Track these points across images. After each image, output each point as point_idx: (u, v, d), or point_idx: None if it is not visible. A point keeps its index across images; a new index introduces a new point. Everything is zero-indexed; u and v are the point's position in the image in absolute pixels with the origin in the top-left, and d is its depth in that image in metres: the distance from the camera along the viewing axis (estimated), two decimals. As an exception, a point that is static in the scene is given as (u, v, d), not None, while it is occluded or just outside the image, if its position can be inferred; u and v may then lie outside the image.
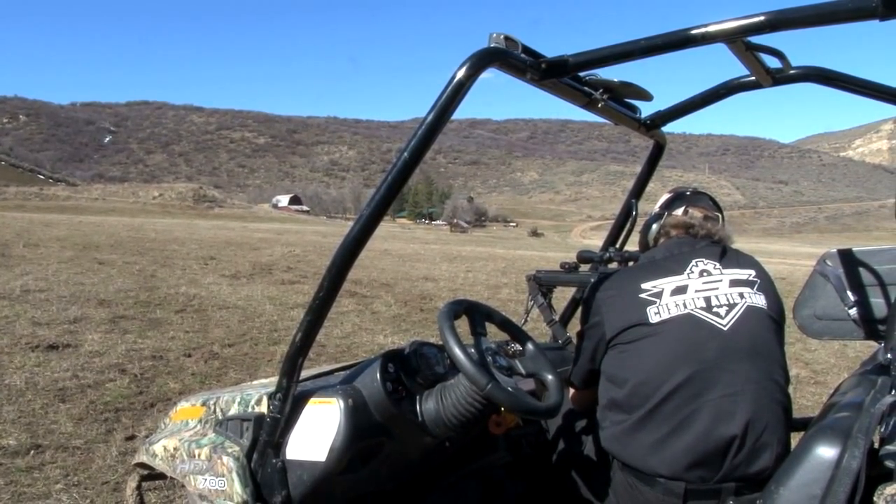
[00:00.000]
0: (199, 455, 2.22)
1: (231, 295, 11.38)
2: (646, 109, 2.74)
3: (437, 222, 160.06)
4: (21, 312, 8.69)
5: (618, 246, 3.17)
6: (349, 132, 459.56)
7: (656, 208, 2.58)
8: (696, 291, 2.19)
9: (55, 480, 4.13)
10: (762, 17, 1.58)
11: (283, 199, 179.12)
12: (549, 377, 2.18)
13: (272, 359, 7.36)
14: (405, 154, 1.76)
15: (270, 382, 2.36)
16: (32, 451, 4.51)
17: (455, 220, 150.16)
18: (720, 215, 2.50)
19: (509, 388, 1.96)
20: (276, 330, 8.81)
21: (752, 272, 2.31)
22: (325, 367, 2.58)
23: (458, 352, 1.92)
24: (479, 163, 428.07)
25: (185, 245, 20.88)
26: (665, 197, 2.62)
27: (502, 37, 1.79)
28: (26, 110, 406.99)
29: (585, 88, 2.18)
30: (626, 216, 3.20)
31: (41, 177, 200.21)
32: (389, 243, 30.34)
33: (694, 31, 1.68)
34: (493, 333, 2.27)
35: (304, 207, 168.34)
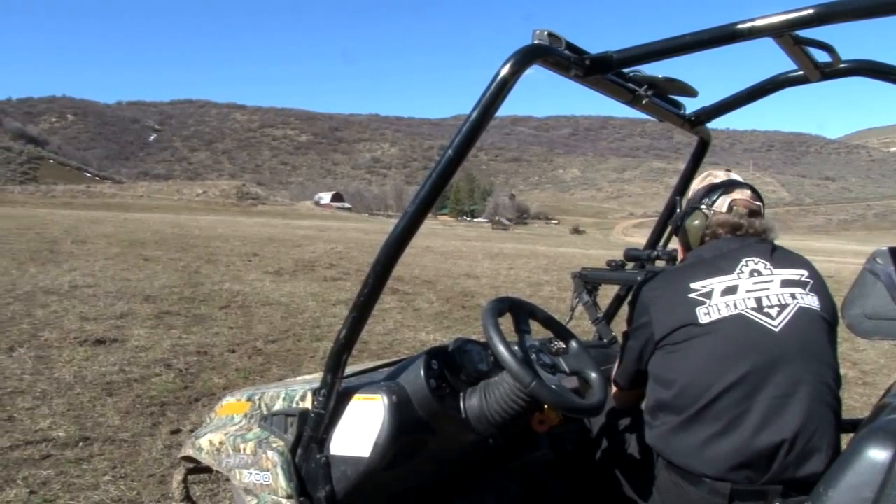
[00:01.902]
0: (244, 449, 2.24)
1: (274, 291, 11.47)
2: (690, 105, 2.70)
3: (479, 219, 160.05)
4: (69, 307, 8.85)
5: (662, 244, 3.14)
6: (391, 129, 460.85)
7: (693, 200, 2.47)
8: (747, 292, 2.14)
9: (103, 472, 4.20)
10: (811, 11, 1.55)
11: (326, 197, 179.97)
12: (593, 375, 2.17)
13: (315, 355, 7.41)
14: (449, 151, 1.75)
15: (314, 378, 2.37)
16: (81, 444, 4.59)
17: (497, 218, 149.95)
18: (762, 204, 2.42)
19: (553, 386, 1.95)
20: (318, 326, 8.86)
21: (805, 272, 2.25)
22: (369, 364, 2.59)
23: (502, 349, 1.92)
24: (520, 160, 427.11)
25: (229, 242, 21.09)
26: (698, 185, 2.54)
27: (546, 33, 1.78)
28: (74, 109, 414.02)
29: (629, 85, 2.15)
30: (670, 213, 3.16)
31: (88, 174, 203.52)
32: (431, 240, 30.37)
33: (741, 26, 1.65)
34: (537, 331, 2.26)
35: (347, 205, 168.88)
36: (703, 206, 2.40)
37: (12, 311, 8.40)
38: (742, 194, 2.38)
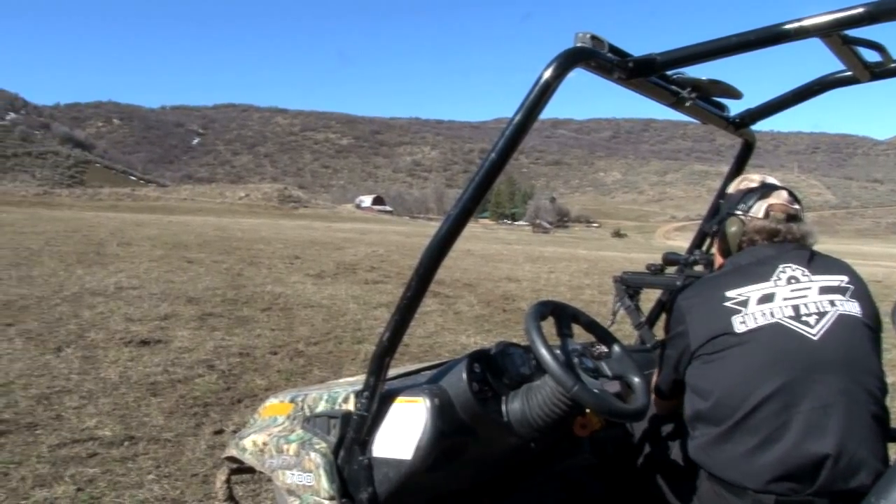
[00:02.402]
0: (287, 450, 2.26)
1: (315, 294, 11.54)
2: (735, 107, 2.67)
3: (520, 223, 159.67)
4: (115, 309, 8.98)
5: (705, 248, 3.10)
6: (432, 133, 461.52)
7: (729, 205, 2.40)
8: (784, 300, 2.08)
9: (147, 471, 4.25)
10: (861, 9, 1.52)
11: (367, 200, 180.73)
12: (636, 380, 2.15)
13: (356, 357, 7.44)
14: (493, 154, 1.75)
15: (357, 381, 2.38)
16: (126, 442, 4.66)
17: (537, 221, 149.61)
18: (800, 207, 2.35)
19: (595, 390, 1.94)
20: (359, 329, 8.89)
21: (845, 278, 2.18)
22: (412, 367, 2.59)
23: (544, 353, 1.91)
24: (561, 163, 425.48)
25: (271, 244, 21.26)
26: (735, 188, 2.46)
27: (588, 36, 1.77)
28: (119, 114, 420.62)
29: (673, 87, 2.13)
30: (713, 217, 3.12)
31: (133, 178, 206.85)
32: (472, 244, 30.36)
33: (788, 26, 1.63)
34: (579, 335, 2.25)
35: (387, 208, 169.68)
36: (738, 212, 2.33)
37: (60, 312, 8.55)
38: (779, 198, 2.31)
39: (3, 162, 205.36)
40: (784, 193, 2.34)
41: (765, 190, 2.35)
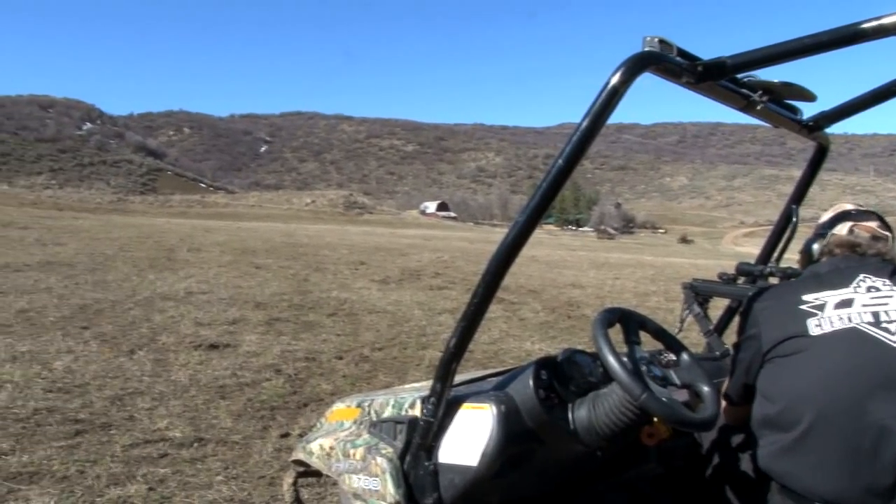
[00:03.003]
0: (353, 455, 2.27)
1: (380, 299, 11.62)
2: (808, 110, 2.60)
3: (584, 229, 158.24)
4: (185, 313, 9.17)
5: (777, 254, 3.03)
6: (496, 139, 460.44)
7: (818, 227, 2.38)
8: (864, 306, 2.01)
9: (216, 472, 4.34)
10: None
11: (431, 206, 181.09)
12: (705, 389, 2.10)
13: (420, 363, 7.47)
14: (560, 161, 1.73)
15: (423, 386, 2.39)
16: (196, 444, 4.76)
17: (602, 227, 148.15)
18: (890, 234, 2.28)
19: (664, 399, 1.91)
20: (424, 335, 8.93)
21: None
22: (478, 373, 2.58)
23: (612, 360, 1.89)
24: (626, 168, 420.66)
25: (337, 250, 21.45)
26: (827, 215, 2.41)
27: (656, 40, 1.74)
28: (190, 123, 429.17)
29: (743, 91, 2.07)
30: (785, 223, 3.05)
31: (202, 185, 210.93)
32: (536, 250, 30.23)
33: (865, 26, 1.57)
34: (647, 342, 2.23)
35: (452, 214, 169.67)
36: (826, 231, 2.31)
37: (133, 316, 8.75)
38: (868, 221, 2.28)
39: (79, 170, 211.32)
40: (875, 218, 2.31)
41: (855, 214, 2.32)
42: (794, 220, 2.96)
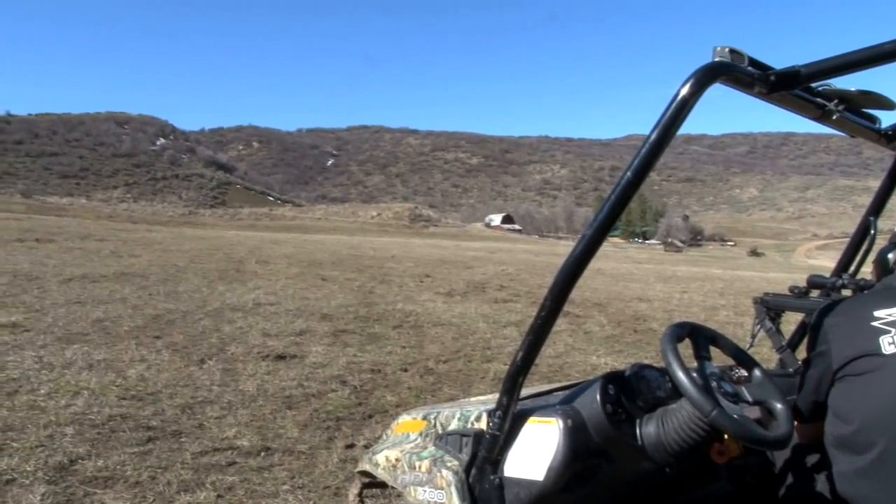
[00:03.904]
0: (419, 467, 2.27)
1: (445, 312, 11.64)
2: (886, 119, 2.53)
3: (651, 241, 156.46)
4: (253, 324, 9.31)
5: (854, 268, 2.95)
6: (561, 151, 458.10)
7: (894, 235, 2.30)
8: None
9: (282, 482, 4.39)
10: None
11: (496, 218, 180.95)
12: (778, 406, 2.04)
13: (485, 376, 7.46)
14: (628, 173, 1.71)
15: (488, 399, 2.38)
16: (263, 453, 4.83)
17: (669, 240, 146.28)
18: None
19: (735, 416, 1.86)
20: (489, 348, 8.91)
21: None
22: (544, 387, 2.57)
23: (681, 375, 1.86)
24: (694, 180, 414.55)
25: (402, 263, 21.54)
26: None
27: (727, 50, 1.71)
28: (258, 137, 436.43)
29: (818, 100, 2.00)
30: (862, 235, 2.95)
31: (271, 198, 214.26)
32: (602, 262, 29.94)
33: None
34: (717, 358, 2.19)
35: (517, 226, 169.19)
36: None
37: (203, 326, 8.93)
38: None
39: (153, 184, 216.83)
40: None
41: None
42: (872, 232, 2.87)
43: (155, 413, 5.49)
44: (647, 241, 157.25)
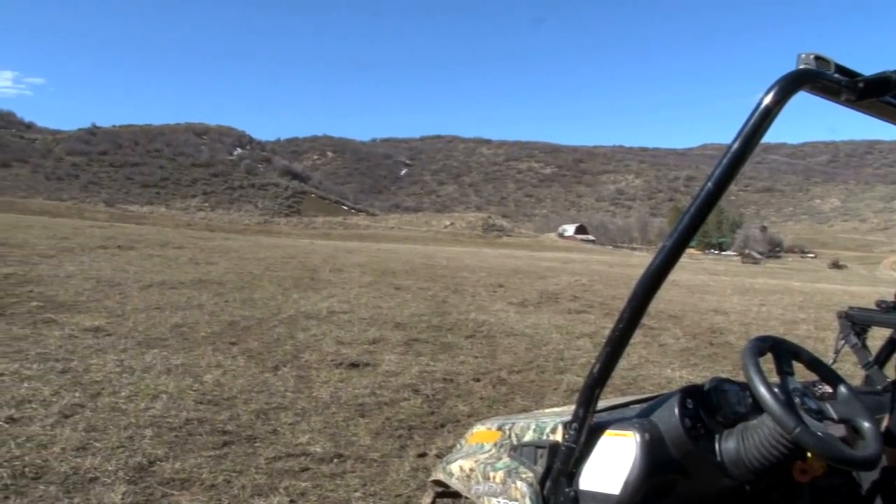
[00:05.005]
0: (493, 478, 2.25)
1: (518, 322, 11.59)
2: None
3: (727, 253, 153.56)
4: (327, 332, 9.41)
5: None
6: (636, 160, 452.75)
7: None
8: None
9: (354, 489, 4.42)
10: None
11: (570, 229, 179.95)
12: (866, 425, 1.96)
13: (558, 387, 7.40)
14: (709, 184, 1.67)
15: (563, 411, 2.36)
16: (335, 460, 4.87)
17: (746, 251, 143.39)
18: None
19: (819, 433, 1.80)
20: (562, 359, 8.84)
21: None
22: (621, 399, 2.53)
23: (763, 391, 1.80)
24: (773, 190, 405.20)
25: (475, 272, 21.53)
26: None
27: (812, 56, 1.66)
28: (333, 147, 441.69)
29: None
30: None
31: (344, 207, 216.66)
32: (677, 274, 29.33)
33: None
34: (801, 373, 2.12)
35: (590, 237, 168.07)
36: None
37: (277, 333, 9.05)
38: None
39: (230, 193, 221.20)
40: None
41: None
42: None
43: (230, 418, 5.58)
44: (723, 253, 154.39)
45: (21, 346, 7.34)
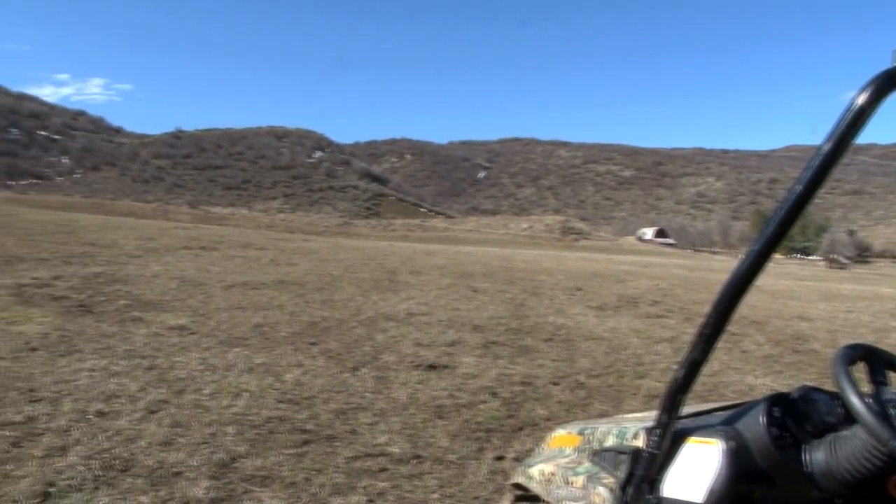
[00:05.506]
0: (574, 483, 2.23)
1: (597, 326, 11.47)
2: None
3: (813, 257, 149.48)
4: (406, 333, 9.46)
5: None
6: (717, 163, 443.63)
7: None
8: None
9: (432, 490, 4.43)
10: None
11: (649, 232, 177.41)
12: None
13: (637, 392, 7.30)
14: (798, 187, 1.62)
15: (645, 417, 2.32)
16: (413, 461, 4.89)
17: (833, 256, 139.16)
18: None
19: None
20: (641, 364, 8.72)
21: None
22: (702, 406, 2.48)
23: (856, 401, 1.73)
24: (861, 192, 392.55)
25: (553, 276, 21.41)
26: None
27: None
28: (411, 150, 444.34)
29: None
30: None
31: (423, 210, 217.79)
32: (760, 279, 28.44)
33: None
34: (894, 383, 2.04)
35: (670, 240, 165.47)
36: None
37: (357, 335, 9.14)
38: None
39: (310, 195, 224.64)
40: None
41: None
42: None
43: (310, 417, 5.65)
44: (808, 257, 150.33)
45: (109, 343, 7.57)
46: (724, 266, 46.14)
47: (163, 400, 5.75)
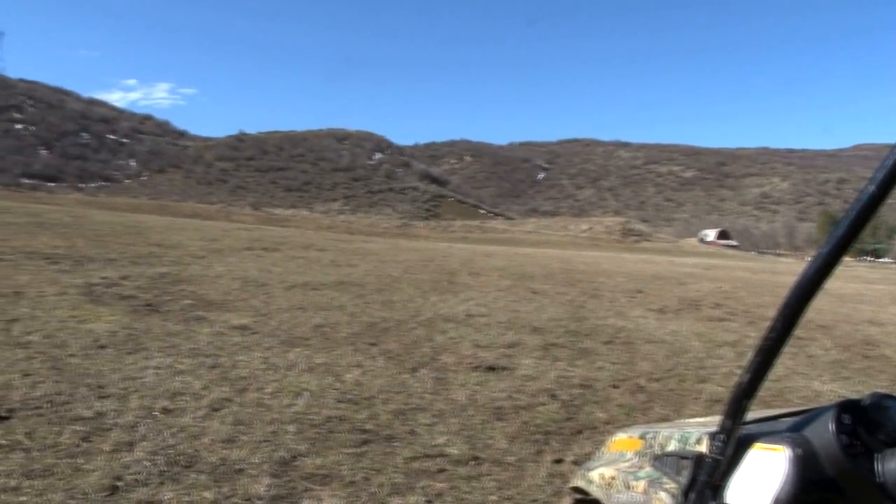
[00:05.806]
0: (635, 488, 2.20)
1: (658, 329, 11.34)
2: None
3: (884, 260, 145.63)
4: (465, 335, 9.46)
5: None
6: (782, 162, 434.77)
7: None
8: None
9: (489, 492, 4.41)
10: None
11: (711, 234, 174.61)
12: None
13: (698, 397, 7.19)
14: (871, 187, 1.57)
15: (709, 422, 2.28)
16: (472, 462, 4.87)
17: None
18: None
19: None
20: (703, 367, 8.59)
21: None
22: (767, 412, 2.42)
23: None
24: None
25: (613, 277, 21.25)
26: None
27: None
28: (471, 151, 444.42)
29: None
30: None
31: (482, 211, 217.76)
32: (828, 282, 28.08)
33: None
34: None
35: (733, 242, 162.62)
36: None
37: (416, 336, 9.17)
38: None
39: (370, 197, 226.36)
40: None
41: None
42: None
43: (370, 417, 5.68)
44: (878, 260, 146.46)
45: (174, 342, 7.71)
46: (789, 269, 45.23)
47: (226, 398, 5.83)
